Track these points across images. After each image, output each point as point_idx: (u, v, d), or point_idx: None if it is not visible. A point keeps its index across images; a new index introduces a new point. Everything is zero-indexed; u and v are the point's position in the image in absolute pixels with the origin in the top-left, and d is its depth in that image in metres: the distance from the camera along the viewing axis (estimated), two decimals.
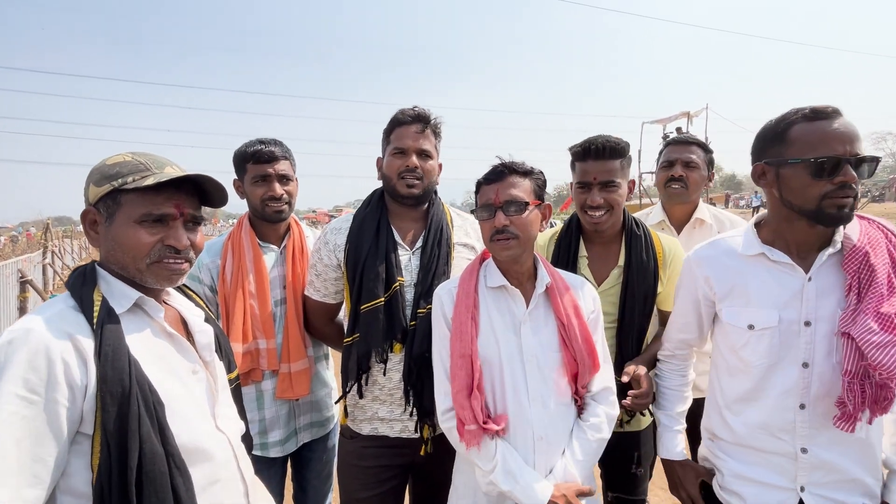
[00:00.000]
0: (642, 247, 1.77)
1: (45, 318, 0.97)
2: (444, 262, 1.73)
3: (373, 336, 1.63)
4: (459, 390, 1.39)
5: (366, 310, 1.64)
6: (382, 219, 1.75)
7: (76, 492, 0.94)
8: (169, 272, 1.10)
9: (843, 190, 1.19)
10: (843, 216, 1.22)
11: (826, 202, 1.20)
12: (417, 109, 1.74)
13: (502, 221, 1.39)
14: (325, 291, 1.82)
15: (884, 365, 1.13)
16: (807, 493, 1.31)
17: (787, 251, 1.32)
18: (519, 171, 1.45)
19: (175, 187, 1.09)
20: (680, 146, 2.26)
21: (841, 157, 1.18)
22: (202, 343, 1.19)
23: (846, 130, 1.20)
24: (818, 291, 1.28)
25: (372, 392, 1.70)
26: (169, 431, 0.99)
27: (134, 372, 0.98)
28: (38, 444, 0.89)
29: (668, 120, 16.30)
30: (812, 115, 1.23)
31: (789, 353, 1.30)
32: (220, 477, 1.09)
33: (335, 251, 1.76)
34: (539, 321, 1.47)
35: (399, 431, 1.70)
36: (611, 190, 1.71)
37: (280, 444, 1.92)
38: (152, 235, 1.07)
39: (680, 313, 1.56)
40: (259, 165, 1.92)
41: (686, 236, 2.23)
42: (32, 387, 0.89)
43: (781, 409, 1.31)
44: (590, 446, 1.45)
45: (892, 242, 1.27)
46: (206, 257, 1.94)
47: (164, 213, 1.07)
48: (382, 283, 1.65)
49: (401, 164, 1.71)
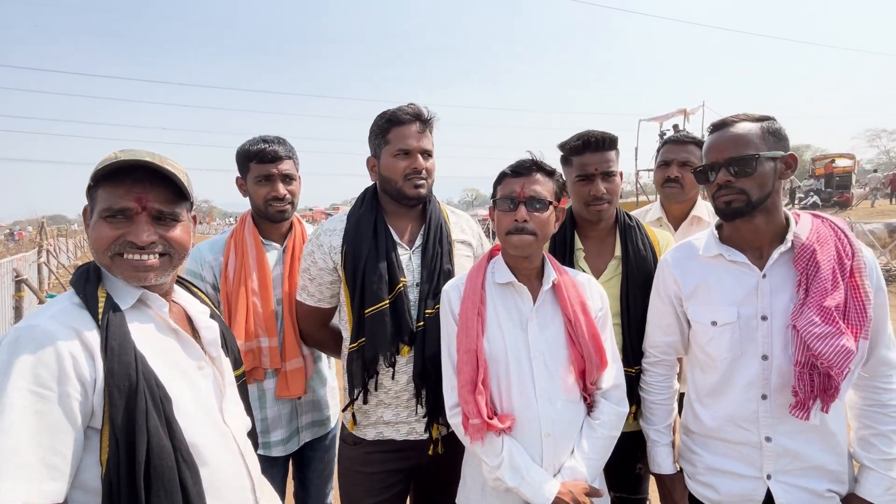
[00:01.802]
0: (637, 236, 1.81)
1: (50, 314, 0.97)
2: (447, 260, 1.70)
3: (380, 340, 1.58)
4: (464, 385, 1.39)
5: (370, 313, 1.58)
6: (379, 218, 1.69)
7: (86, 486, 0.94)
8: (131, 268, 1.05)
9: (721, 190, 1.37)
10: (729, 210, 1.37)
11: (717, 201, 1.39)
12: (414, 107, 1.67)
13: (523, 216, 1.40)
14: (319, 296, 1.75)
15: (824, 354, 1.23)
16: (773, 480, 1.39)
17: (742, 250, 1.42)
18: (545, 170, 1.46)
19: (134, 179, 1.04)
20: (676, 146, 2.26)
21: (711, 163, 1.39)
22: (208, 339, 1.18)
23: (718, 140, 1.39)
24: (772, 287, 1.37)
25: (377, 396, 1.65)
26: (176, 426, 0.99)
27: (140, 367, 0.98)
28: (55, 437, 0.89)
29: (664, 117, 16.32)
30: (708, 132, 1.45)
31: (749, 347, 1.39)
32: (227, 472, 1.09)
33: (330, 253, 1.68)
34: (546, 318, 1.47)
35: (406, 434, 1.66)
36: (611, 180, 1.75)
37: (282, 443, 1.91)
38: (114, 230, 1.03)
39: (660, 315, 1.59)
40: (262, 165, 1.90)
41: (683, 233, 2.24)
42: (44, 382, 0.89)
43: (745, 401, 1.39)
44: (599, 444, 1.45)
45: (840, 240, 1.35)
46: (209, 255, 1.93)
47: (124, 206, 1.03)
48: (386, 284, 1.59)
49: (407, 166, 1.64)
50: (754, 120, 1.38)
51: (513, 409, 1.41)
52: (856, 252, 1.33)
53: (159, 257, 1.08)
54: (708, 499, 1.49)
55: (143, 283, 1.07)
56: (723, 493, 1.45)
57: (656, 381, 1.64)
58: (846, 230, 1.38)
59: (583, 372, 1.46)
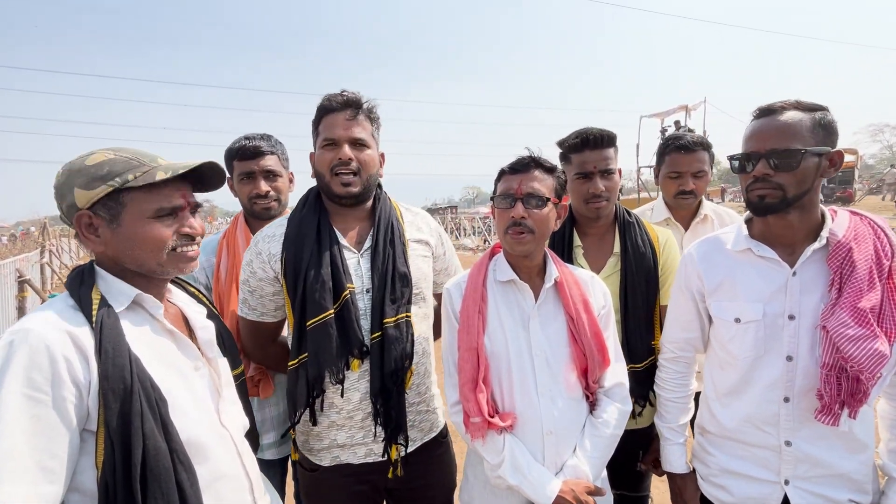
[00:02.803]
0: (636, 232, 1.80)
1: (43, 317, 0.96)
2: (402, 262, 1.55)
3: (324, 355, 1.42)
4: (465, 383, 1.38)
5: (313, 325, 1.43)
6: (322, 220, 1.54)
7: (83, 489, 0.94)
8: (188, 259, 1.13)
9: (756, 182, 1.28)
10: (762, 205, 1.29)
11: (749, 193, 1.31)
12: (347, 94, 1.53)
13: (520, 213, 1.38)
14: (262, 310, 1.59)
15: (855, 358, 1.17)
16: (791, 486, 1.33)
17: (773, 246, 1.35)
18: (544, 167, 1.43)
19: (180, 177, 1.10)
20: (686, 155, 2.11)
21: (751, 152, 1.28)
22: (204, 339, 1.18)
23: (764, 128, 1.28)
24: (802, 286, 1.30)
25: (328, 417, 1.50)
26: (172, 427, 0.98)
27: (135, 369, 0.97)
28: (50, 441, 0.89)
29: (665, 114, 16.25)
30: (754, 115, 1.34)
31: (774, 347, 1.32)
32: (224, 473, 1.08)
33: (270, 262, 1.53)
34: (548, 316, 1.45)
35: (364, 456, 1.53)
36: (610, 178, 1.75)
37: (275, 445, 1.88)
38: (168, 227, 1.09)
39: (681, 310, 1.55)
40: (244, 162, 1.88)
41: (693, 232, 2.21)
42: (38, 385, 0.89)
43: (766, 402, 1.33)
44: (602, 443, 1.43)
45: (879, 239, 1.27)
46: (202, 256, 1.88)
47: (177, 204, 1.10)
48: (330, 292, 1.44)
49: (332, 158, 1.50)
50: (805, 109, 1.26)
51: (514, 407, 1.40)
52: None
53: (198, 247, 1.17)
54: (721, 501, 1.45)
55: (191, 271, 1.16)
56: (737, 496, 1.40)
57: (672, 378, 1.60)
58: (886, 229, 1.30)
59: (585, 370, 1.45)
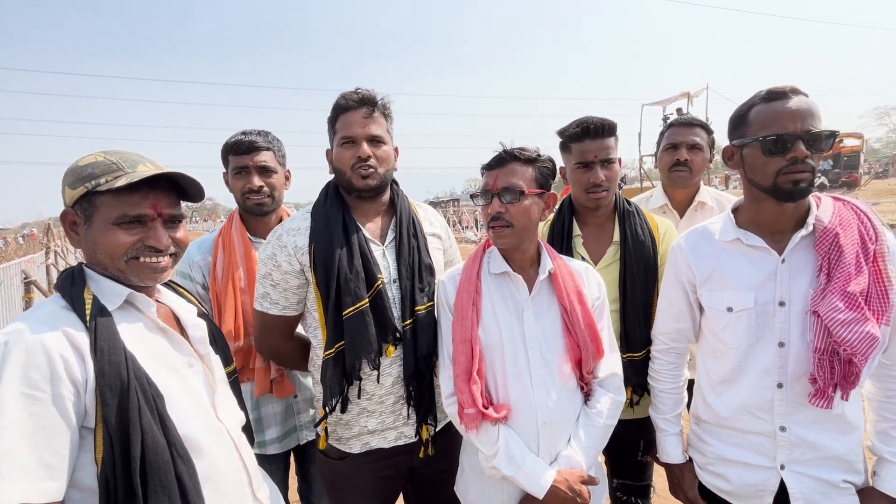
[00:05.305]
0: (636, 221, 1.80)
1: (37, 317, 0.98)
2: (426, 254, 1.62)
3: (362, 342, 1.46)
4: (459, 375, 1.40)
5: (349, 315, 1.47)
6: (347, 214, 1.58)
7: (82, 485, 0.95)
8: (150, 270, 1.10)
9: (795, 165, 1.23)
10: (798, 191, 1.26)
11: (781, 178, 1.26)
12: (361, 92, 1.57)
13: (496, 208, 1.39)
14: (285, 303, 1.59)
15: (847, 341, 1.19)
16: (787, 471, 1.35)
17: (761, 234, 1.36)
18: (521, 159, 1.41)
19: (149, 186, 1.08)
20: (683, 128, 2.19)
21: (791, 133, 1.23)
22: (196, 337, 1.19)
23: (798, 108, 1.24)
24: (791, 272, 1.32)
25: (359, 404, 1.54)
26: (170, 422, 1.00)
27: (131, 365, 0.98)
28: (51, 438, 0.90)
29: (667, 101, 16.09)
30: (768, 97, 1.29)
31: (766, 334, 1.34)
32: (223, 467, 1.10)
33: (296, 254, 1.55)
34: (542, 307, 1.46)
35: (394, 440, 1.57)
36: (610, 167, 1.74)
37: (278, 440, 1.89)
38: (130, 236, 1.07)
39: (672, 302, 1.56)
40: (238, 157, 1.88)
41: (689, 220, 2.21)
42: (36, 384, 0.90)
43: (760, 389, 1.35)
44: (596, 433, 1.44)
45: (863, 223, 1.29)
46: (197, 255, 1.89)
47: (141, 213, 1.07)
48: (363, 281, 1.49)
49: (352, 155, 1.54)
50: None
51: (509, 398, 1.42)
52: (879, 235, 1.27)
53: (170, 258, 1.14)
54: (719, 489, 1.46)
55: (157, 282, 1.14)
56: (734, 484, 1.41)
57: (665, 370, 1.61)
58: (869, 213, 1.32)
59: (579, 361, 1.46)
